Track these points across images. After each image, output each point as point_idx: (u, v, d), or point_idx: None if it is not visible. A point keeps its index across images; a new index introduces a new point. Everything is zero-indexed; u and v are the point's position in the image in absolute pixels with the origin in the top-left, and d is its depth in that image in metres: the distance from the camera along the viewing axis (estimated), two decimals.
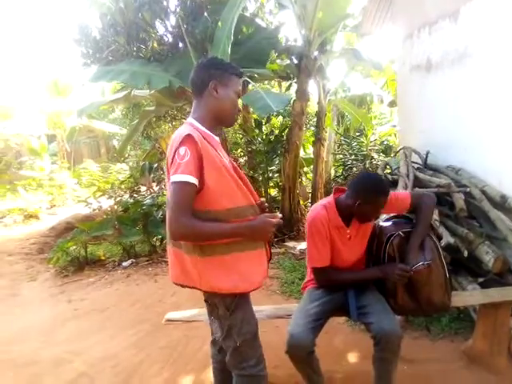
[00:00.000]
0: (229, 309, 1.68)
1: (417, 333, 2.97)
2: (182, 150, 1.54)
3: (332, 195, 2.31)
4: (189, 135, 1.56)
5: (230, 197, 1.64)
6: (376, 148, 8.38)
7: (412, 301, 2.23)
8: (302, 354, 2.06)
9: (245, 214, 1.67)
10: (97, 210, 7.28)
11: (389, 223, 2.39)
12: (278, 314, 2.47)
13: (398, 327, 2.05)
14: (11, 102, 14.53)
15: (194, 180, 1.53)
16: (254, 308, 1.85)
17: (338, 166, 8.55)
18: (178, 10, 6.08)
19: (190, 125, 1.68)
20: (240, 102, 1.85)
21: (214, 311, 1.74)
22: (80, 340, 3.46)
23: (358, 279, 2.27)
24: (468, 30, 3.47)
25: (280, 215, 1.75)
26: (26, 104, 15.11)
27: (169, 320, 2.56)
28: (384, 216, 2.79)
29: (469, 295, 2.44)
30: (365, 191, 2.13)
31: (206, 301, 1.81)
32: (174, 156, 1.56)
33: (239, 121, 6.95)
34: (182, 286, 1.75)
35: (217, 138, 1.75)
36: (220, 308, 1.70)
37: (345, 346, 2.92)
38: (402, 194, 2.40)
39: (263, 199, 1.87)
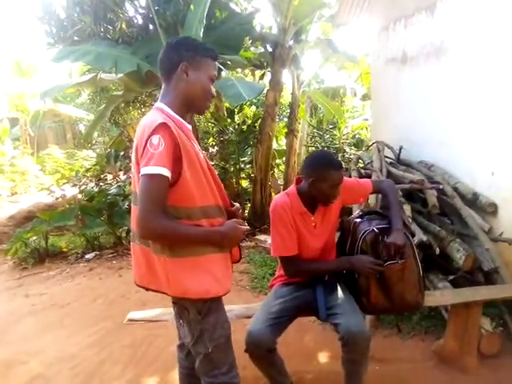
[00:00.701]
0: (201, 312, 1.55)
1: (387, 331, 2.93)
2: (156, 138, 1.39)
3: (293, 184, 2.25)
4: (164, 123, 1.41)
5: (202, 193, 1.52)
6: (348, 141, 8.38)
7: (385, 299, 2.16)
8: (260, 352, 1.98)
9: (213, 215, 1.57)
10: (60, 199, 6.99)
11: (363, 219, 2.31)
12: (248, 314, 2.35)
13: (366, 328, 1.99)
14: None
15: (167, 173, 1.39)
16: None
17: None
18: None
19: (160, 110, 1.53)
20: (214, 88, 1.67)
21: (183, 314, 1.60)
22: (36, 338, 3.25)
23: (326, 269, 2.21)
24: (444, 23, 3.43)
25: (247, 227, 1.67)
26: None
27: (131, 320, 2.41)
28: (357, 211, 2.74)
29: (441, 295, 2.40)
30: (315, 167, 2.08)
31: (174, 303, 1.68)
32: (145, 145, 1.40)
33: (211, 109, 6.76)
34: (147, 288, 1.62)
35: (189, 126, 1.61)
36: (191, 312, 1.56)
37: (315, 345, 2.84)
38: (364, 180, 2.41)
39: (238, 205, 1.76)
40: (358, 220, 2.28)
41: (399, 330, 2.82)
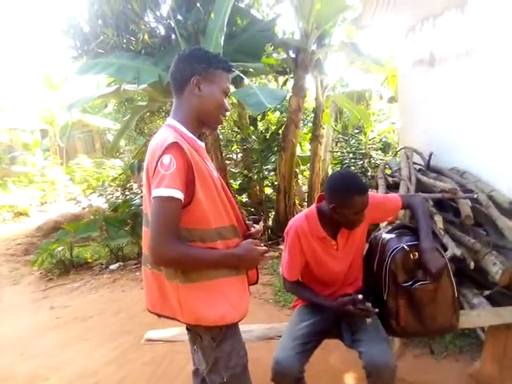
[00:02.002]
0: (215, 339, 1.46)
1: (418, 350, 2.75)
2: (167, 158, 1.31)
3: (315, 203, 2.09)
4: (175, 143, 1.34)
5: (217, 214, 1.45)
6: (375, 146, 8.15)
7: (416, 322, 2.01)
8: (288, 381, 1.84)
9: (228, 236, 1.48)
10: (87, 209, 7.06)
11: (392, 235, 2.15)
12: (269, 335, 2.26)
13: (391, 359, 1.81)
14: (3, 96, 14.23)
15: (180, 195, 1.31)
16: (242, 328, 1.62)
17: (336, 164, 8.30)
18: (169, 0, 5.80)
19: (172, 128, 1.46)
20: (230, 99, 1.58)
21: (197, 340, 1.51)
22: (59, 353, 3.24)
23: (315, 303, 2.08)
24: (477, 21, 3.23)
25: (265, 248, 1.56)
26: (19, 98, 14.83)
27: (149, 340, 2.34)
28: (385, 224, 2.58)
29: (477, 315, 2.22)
30: (336, 192, 1.91)
31: (187, 329, 1.60)
32: (156, 165, 1.33)
33: (234, 117, 6.70)
34: (159, 315, 1.54)
35: (201, 144, 1.54)
36: (204, 338, 1.47)
37: (341, 366, 2.70)
38: (392, 196, 2.24)
39: (258, 227, 1.66)
40: (387, 236, 2.12)
41: (432, 351, 2.64)
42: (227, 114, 1.63)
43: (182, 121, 1.48)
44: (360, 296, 1.85)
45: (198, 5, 5.51)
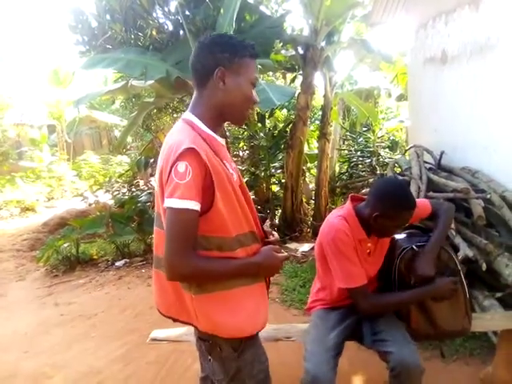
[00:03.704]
0: (236, 350, 1.37)
1: (427, 353, 2.70)
2: (182, 166, 1.20)
3: (348, 204, 2.00)
4: (191, 149, 1.21)
5: (236, 221, 1.34)
6: (383, 144, 8.07)
7: (427, 325, 1.97)
8: None
9: (248, 242, 1.38)
10: (93, 205, 7.05)
11: (402, 236, 2.11)
12: (277, 337, 2.21)
13: (421, 360, 1.77)
14: (11, 91, 14.28)
15: (196, 206, 1.21)
16: None
17: (344, 162, 8.23)
18: None
19: (190, 124, 1.34)
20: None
21: (214, 351, 1.40)
22: (63, 351, 3.22)
23: (405, 302, 1.94)
24: (491, 18, 3.16)
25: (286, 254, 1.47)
26: (27, 94, 14.88)
27: (154, 339, 2.30)
28: None
29: (490, 319, 2.16)
30: (387, 203, 1.79)
31: (200, 338, 1.45)
32: (170, 171, 1.22)
33: None
34: (175, 319, 1.45)
35: (221, 140, 1.41)
36: (224, 349, 1.38)
37: (350, 367, 2.64)
38: (422, 201, 2.11)
39: (276, 235, 1.56)
40: (397, 236, 2.08)
41: (442, 354, 2.58)
42: (255, 106, 1.54)
43: (201, 116, 1.35)
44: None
45: (207, 0, 5.46)
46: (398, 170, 4.03)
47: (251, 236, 1.40)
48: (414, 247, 1.98)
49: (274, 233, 1.57)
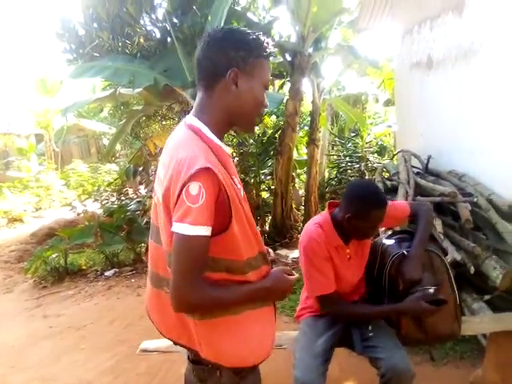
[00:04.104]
0: (237, 374, 1.27)
1: (418, 357, 2.70)
2: (195, 188, 1.07)
3: (326, 211, 2.02)
4: (207, 169, 1.08)
5: (248, 244, 1.23)
6: (371, 149, 8.13)
7: (417, 330, 1.97)
8: None
9: (259, 264, 1.28)
10: (82, 214, 6.99)
11: (392, 241, 2.12)
12: None
13: (411, 365, 1.78)
14: None
15: (208, 231, 1.10)
16: None
17: (333, 167, 8.28)
18: (164, 3, 5.77)
19: (197, 132, 1.19)
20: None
21: (213, 376, 1.28)
22: (52, 363, 3.17)
23: (371, 316, 1.96)
24: (474, 24, 3.20)
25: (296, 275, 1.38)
26: (14, 103, 14.75)
27: (144, 350, 2.27)
28: (384, 230, 2.55)
29: (479, 322, 2.17)
30: (356, 204, 1.82)
31: (193, 361, 1.33)
32: (180, 192, 1.08)
33: None
34: (176, 343, 1.33)
35: (228, 150, 1.28)
36: (225, 374, 1.27)
37: (340, 373, 2.63)
38: (400, 203, 2.17)
39: (272, 253, 1.51)
40: (387, 242, 2.08)
41: (432, 358, 2.59)
42: (265, 111, 1.40)
43: (209, 122, 1.20)
44: (431, 290, 1.81)
45: (195, 8, 5.48)
46: (387, 175, 4.05)
47: (260, 257, 1.30)
48: (405, 252, 1.98)
49: (270, 250, 1.51)
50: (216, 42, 1.19)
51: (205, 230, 1.09)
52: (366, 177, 6.43)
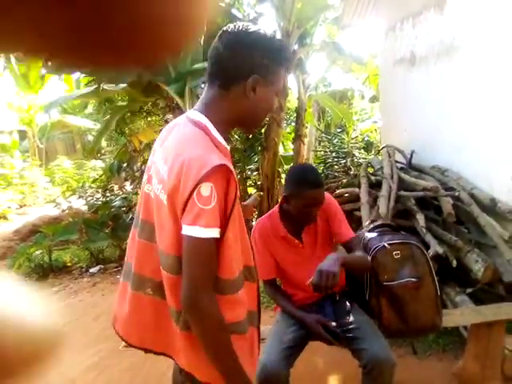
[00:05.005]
0: None
1: (401, 350, 2.74)
2: (207, 189, 1.03)
3: (279, 203, 2.07)
4: (222, 167, 1.05)
5: (238, 256, 1.17)
6: (357, 145, 8.17)
7: (399, 321, 2.00)
8: None
9: (238, 287, 1.17)
10: (66, 211, 6.91)
11: (374, 234, 2.15)
12: None
13: (392, 355, 1.80)
14: None
15: (219, 233, 1.07)
16: None
17: (319, 163, 8.30)
18: None
19: (203, 129, 1.14)
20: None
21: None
22: None
23: (288, 313, 2.03)
24: (455, 20, 3.24)
25: None
26: None
27: (127, 346, 2.26)
28: (367, 223, 2.58)
29: (460, 314, 2.21)
30: (290, 182, 1.93)
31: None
32: (190, 194, 1.03)
33: None
34: (147, 350, 1.27)
35: (227, 146, 1.23)
36: None
37: (324, 366, 2.67)
38: (348, 228, 2.01)
39: None
40: (369, 235, 2.11)
41: (414, 351, 2.62)
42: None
43: (215, 121, 1.15)
44: (334, 323, 1.83)
45: None
46: (371, 170, 4.09)
47: (247, 271, 1.22)
48: (386, 245, 2.01)
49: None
50: (245, 45, 1.15)
51: (217, 232, 1.07)
52: (352, 172, 6.46)
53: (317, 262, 2.00)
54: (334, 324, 1.84)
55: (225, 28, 1.17)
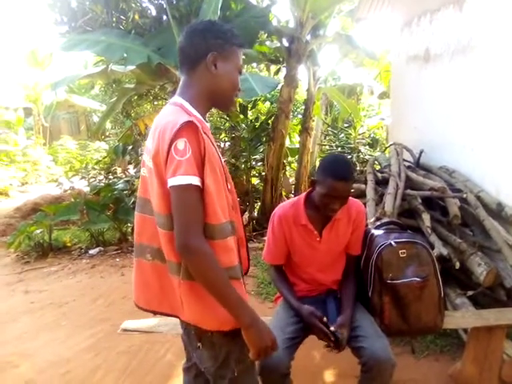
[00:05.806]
0: (227, 335, 1.33)
1: (399, 349, 2.72)
2: (181, 143, 1.20)
3: (308, 189, 2.06)
4: (190, 123, 1.21)
5: (225, 206, 1.31)
6: (364, 141, 8.12)
7: (400, 320, 1.98)
8: (276, 377, 1.78)
9: (226, 233, 1.31)
10: (68, 191, 6.90)
11: (380, 231, 2.12)
12: None
13: (392, 355, 1.78)
14: None
15: (199, 182, 1.21)
16: None
17: (324, 157, 8.26)
18: None
19: (181, 107, 1.32)
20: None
21: (205, 336, 1.36)
22: (31, 339, 3.13)
23: (287, 301, 2.01)
24: (474, 19, 3.18)
25: None
26: (3, 75, 14.38)
27: (125, 330, 2.24)
28: (373, 219, 2.55)
29: (461, 317, 2.19)
30: (320, 168, 1.92)
31: (186, 327, 1.43)
32: (168, 151, 1.20)
33: None
34: (155, 312, 1.44)
35: (208, 125, 1.41)
36: (215, 335, 1.34)
37: (321, 362, 2.65)
38: (361, 241, 2.08)
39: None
40: (376, 232, 2.09)
41: (413, 350, 2.61)
42: (239, 94, 1.52)
43: (191, 100, 1.34)
44: (332, 328, 1.80)
45: None
46: (378, 167, 4.05)
47: (229, 225, 1.34)
48: (393, 243, 1.98)
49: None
50: (197, 31, 1.36)
51: (197, 180, 1.20)
52: (358, 168, 6.42)
53: (327, 262, 2.02)
54: (332, 329, 1.80)
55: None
